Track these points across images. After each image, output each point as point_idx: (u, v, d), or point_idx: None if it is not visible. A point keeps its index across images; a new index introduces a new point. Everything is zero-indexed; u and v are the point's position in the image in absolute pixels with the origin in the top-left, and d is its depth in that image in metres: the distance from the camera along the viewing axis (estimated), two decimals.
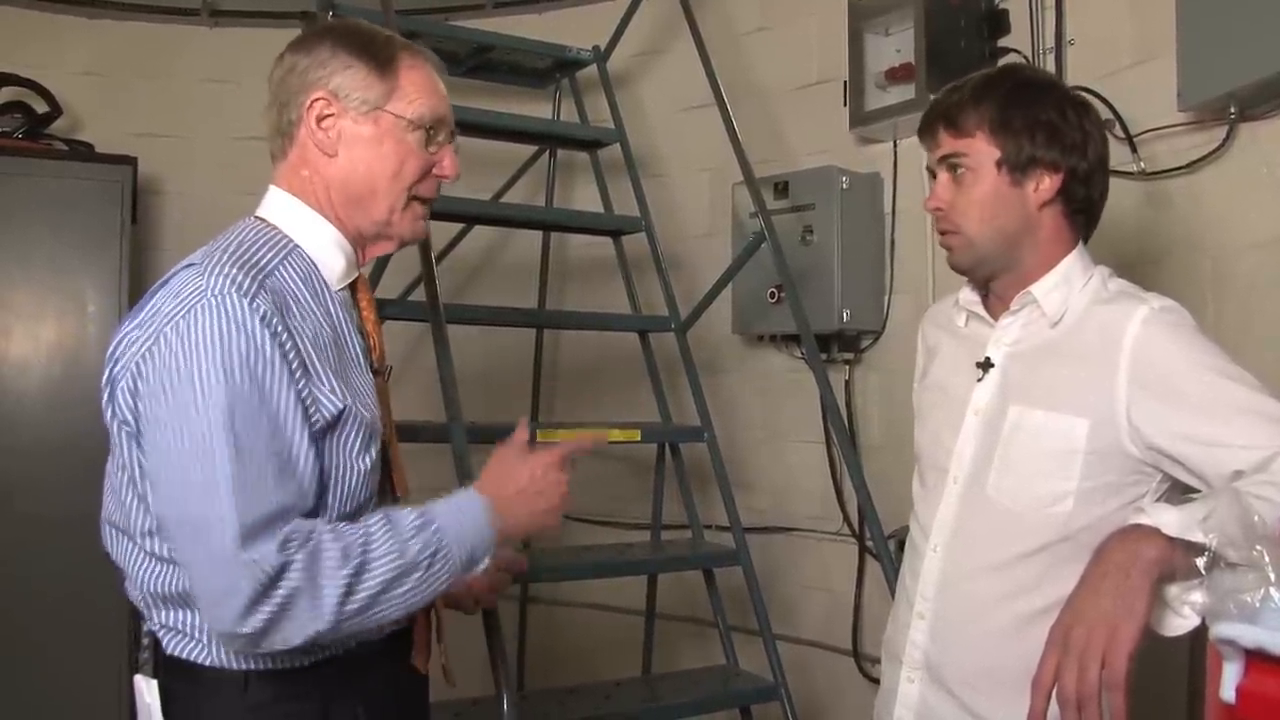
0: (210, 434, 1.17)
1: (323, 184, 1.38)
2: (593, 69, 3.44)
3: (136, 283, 3.11)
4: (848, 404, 3.03)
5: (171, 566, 1.26)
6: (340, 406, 1.27)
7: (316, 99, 1.35)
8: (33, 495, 2.93)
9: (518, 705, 2.00)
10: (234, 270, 1.23)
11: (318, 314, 1.31)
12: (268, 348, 1.20)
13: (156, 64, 3.61)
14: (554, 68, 3.52)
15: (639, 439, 2.88)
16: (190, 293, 1.22)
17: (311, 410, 1.25)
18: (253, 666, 1.28)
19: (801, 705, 2.63)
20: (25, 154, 3.13)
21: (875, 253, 2.99)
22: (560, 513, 1.41)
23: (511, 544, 1.43)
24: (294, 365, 1.23)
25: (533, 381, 3.63)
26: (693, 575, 3.04)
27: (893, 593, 1.83)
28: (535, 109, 3.64)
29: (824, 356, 2.90)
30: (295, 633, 1.18)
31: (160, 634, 1.30)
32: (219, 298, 1.20)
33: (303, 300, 1.30)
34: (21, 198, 3.04)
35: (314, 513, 1.25)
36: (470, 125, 3.08)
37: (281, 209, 1.38)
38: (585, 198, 3.61)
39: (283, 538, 1.17)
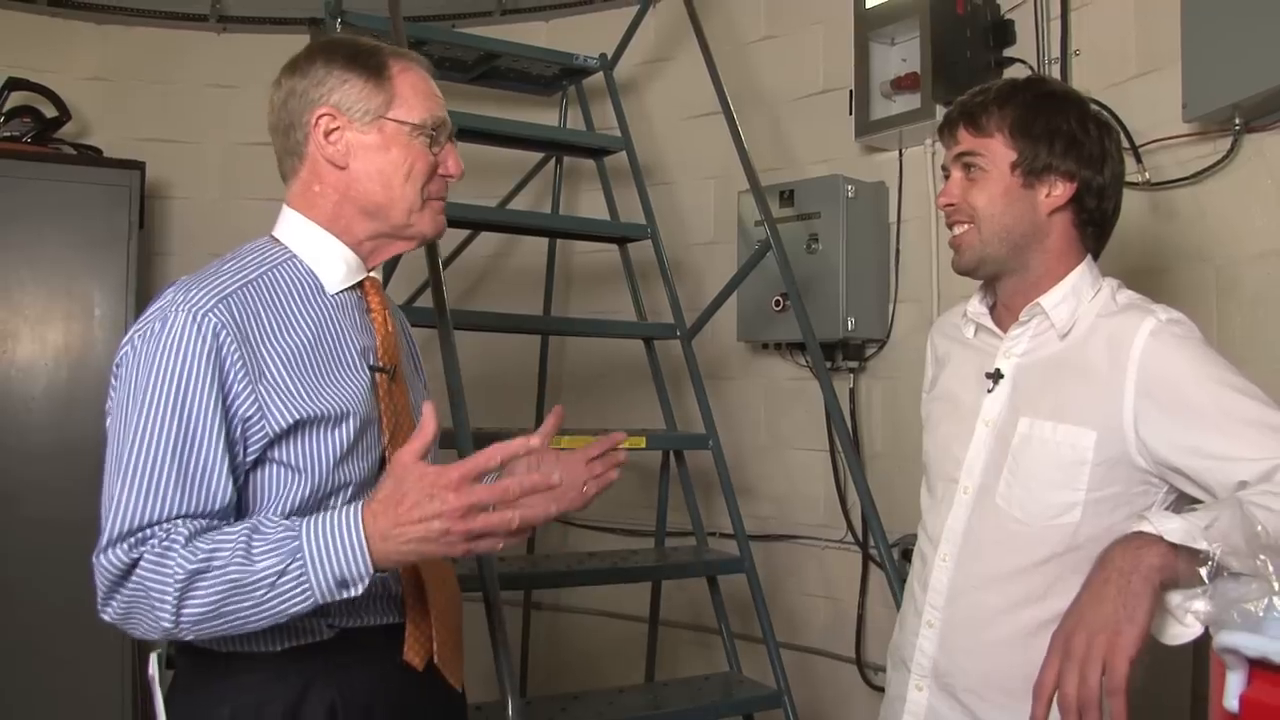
0: (123, 443, 1.26)
1: (335, 196, 1.45)
2: (599, 76, 3.45)
3: (144, 287, 3.12)
4: (852, 412, 3.03)
5: None
6: (299, 414, 1.32)
7: (321, 115, 1.43)
8: (39, 498, 2.93)
9: (521, 711, 2.00)
10: (198, 288, 1.31)
11: (303, 318, 1.39)
12: (200, 365, 1.27)
13: (164, 69, 3.62)
14: (561, 75, 3.53)
15: (644, 446, 2.88)
16: (155, 306, 1.32)
17: (254, 419, 1.31)
18: (234, 649, 1.35)
19: (805, 713, 2.63)
20: (34, 158, 3.14)
21: (880, 261, 2.99)
22: (463, 538, 1.21)
23: (396, 567, 1.31)
24: (239, 377, 1.30)
25: (537, 387, 3.63)
26: (696, 582, 3.05)
27: (897, 601, 1.84)
28: (542, 116, 3.65)
29: (829, 365, 2.90)
30: (145, 629, 1.26)
31: None
32: (172, 314, 1.29)
33: (285, 307, 1.38)
34: (30, 201, 3.04)
35: (240, 514, 1.31)
36: (477, 132, 3.09)
37: (288, 227, 1.47)
38: (591, 205, 3.62)
39: (144, 537, 1.24)
